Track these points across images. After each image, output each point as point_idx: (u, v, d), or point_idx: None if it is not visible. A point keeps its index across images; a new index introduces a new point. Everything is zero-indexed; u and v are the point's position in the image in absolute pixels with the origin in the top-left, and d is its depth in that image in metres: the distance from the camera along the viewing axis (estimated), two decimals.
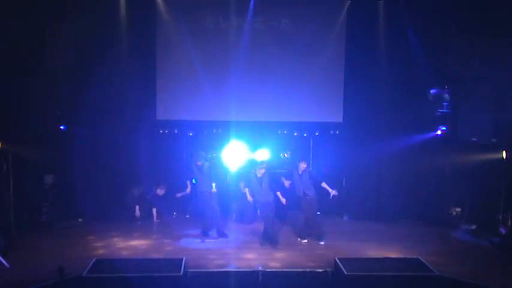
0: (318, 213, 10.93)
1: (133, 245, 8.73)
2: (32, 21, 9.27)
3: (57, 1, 9.57)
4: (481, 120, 9.81)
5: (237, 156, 10.63)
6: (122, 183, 10.32)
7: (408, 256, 7.97)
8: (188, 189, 10.00)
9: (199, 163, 9.07)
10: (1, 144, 8.56)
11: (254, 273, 7.15)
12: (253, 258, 8.05)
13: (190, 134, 11.10)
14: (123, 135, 10.24)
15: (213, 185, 9.04)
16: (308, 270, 7.40)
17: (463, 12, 9.53)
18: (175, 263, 7.00)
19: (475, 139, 9.85)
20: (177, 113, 10.86)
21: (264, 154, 10.71)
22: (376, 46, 10.59)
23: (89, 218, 10.24)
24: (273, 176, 8.96)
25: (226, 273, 7.28)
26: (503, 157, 8.97)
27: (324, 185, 8.94)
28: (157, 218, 10.37)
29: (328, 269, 7.30)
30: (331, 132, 11.11)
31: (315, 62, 10.72)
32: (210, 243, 8.80)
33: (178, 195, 10.24)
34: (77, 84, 10.07)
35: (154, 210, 10.34)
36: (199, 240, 9.04)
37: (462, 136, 10.10)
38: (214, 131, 11.02)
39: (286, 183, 9.23)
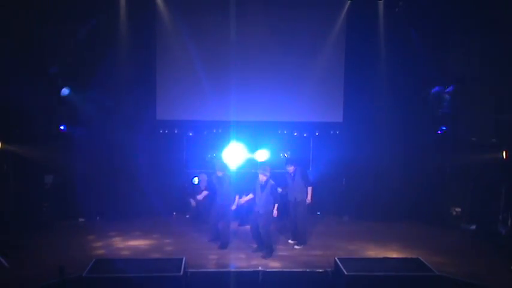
0: (318, 213, 11.00)
1: (133, 245, 8.74)
2: (32, 21, 9.27)
3: (58, 1, 9.57)
4: (481, 120, 9.82)
5: (237, 156, 10.61)
6: (122, 183, 10.32)
7: (408, 256, 7.98)
8: (193, 203, 10.24)
9: (219, 173, 8.67)
10: (1, 144, 8.56)
11: (254, 273, 7.16)
12: (253, 258, 8.05)
13: (190, 134, 11.09)
14: (123, 135, 10.23)
15: (237, 198, 8.56)
16: (308, 270, 7.40)
17: (463, 12, 9.53)
18: (175, 263, 6.99)
19: (475, 139, 9.86)
20: (177, 113, 10.85)
21: (263, 154, 10.70)
22: (376, 46, 10.59)
23: (89, 218, 10.26)
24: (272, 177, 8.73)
25: (226, 273, 7.28)
26: (503, 157, 8.96)
27: (309, 189, 8.67)
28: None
29: (328, 269, 7.31)
30: (331, 132, 11.10)
31: (315, 62, 10.71)
32: (210, 243, 8.79)
33: (193, 203, 10.40)
34: (77, 84, 10.08)
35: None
36: (199, 240, 9.04)
37: (462, 136, 10.11)
38: (214, 131, 11.02)
39: (279, 190, 8.77)
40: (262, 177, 8.22)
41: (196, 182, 10.67)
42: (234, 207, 8.59)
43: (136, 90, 10.40)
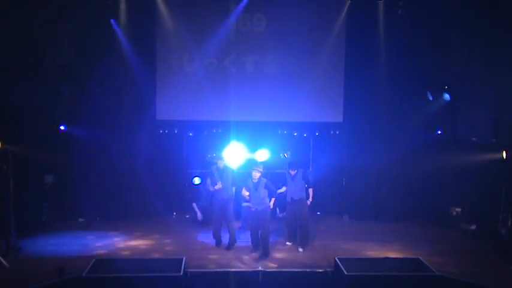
0: (318, 213, 11.00)
1: (133, 245, 8.74)
2: (32, 21, 9.27)
3: (57, 1, 9.57)
4: (481, 120, 9.82)
5: (237, 156, 10.60)
6: (122, 183, 10.31)
7: (408, 256, 7.99)
8: (199, 214, 10.02)
9: (220, 164, 8.49)
10: (1, 144, 8.55)
11: (254, 273, 7.16)
12: (253, 258, 8.05)
13: (190, 134, 11.09)
14: (123, 135, 10.23)
15: (233, 189, 8.50)
16: (308, 270, 7.41)
17: (463, 12, 9.53)
18: (175, 263, 7.00)
19: (475, 139, 9.86)
20: (177, 113, 10.83)
21: (263, 154, 10.68)
22: (376, 46, 10.58)
23: (89, 218, 10.25)
24: (272, 177, 8.62)
25: (226, 273, 7.29)
26: (503, 157, 8.96)
27: (310, 191, 8.64)
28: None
29: (328, 269, 7.31)
30: (331, 132, 11.10)
31: (315, 62, 10.70)
32: (210, 243, 8.79)
33: (199, 216, 10.19)
34: (77, 84, 10.08)
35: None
36: (199, 240, 9.04)
37: (462, 136, 10.11)
38: (214, 131, 11.01)
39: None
40: (255, 174, 8.17)
41: (197, 182, 10.67)
42: (246, 193, 8.18)
43: (136, 90, 10.39)
